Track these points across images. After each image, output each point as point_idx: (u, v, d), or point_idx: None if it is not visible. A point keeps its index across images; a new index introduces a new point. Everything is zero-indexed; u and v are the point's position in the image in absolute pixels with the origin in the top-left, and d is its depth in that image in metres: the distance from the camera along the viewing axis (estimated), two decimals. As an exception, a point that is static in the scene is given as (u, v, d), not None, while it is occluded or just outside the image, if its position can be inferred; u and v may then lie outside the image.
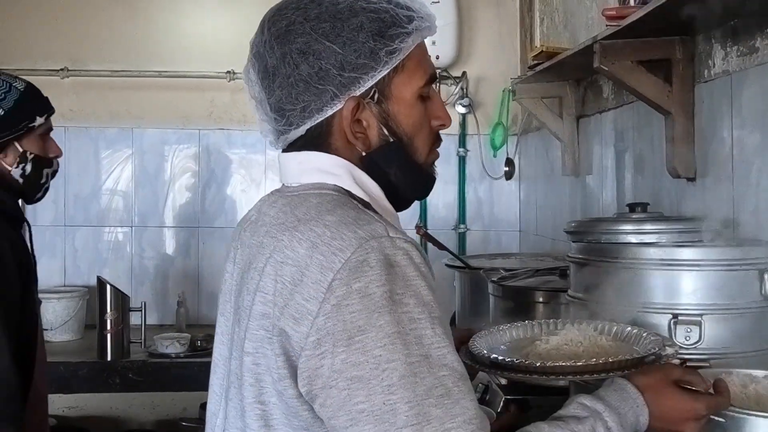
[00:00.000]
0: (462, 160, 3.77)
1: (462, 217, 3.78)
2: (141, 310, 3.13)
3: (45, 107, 1.99)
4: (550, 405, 1.70)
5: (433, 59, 3.56)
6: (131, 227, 3.73)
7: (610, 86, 2.51)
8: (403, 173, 1.13)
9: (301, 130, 1.12)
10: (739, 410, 1.12)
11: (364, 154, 1.11)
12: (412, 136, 1.13)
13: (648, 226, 1.52)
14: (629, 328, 1.33)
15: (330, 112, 1.10)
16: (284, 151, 1.17)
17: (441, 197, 3.81)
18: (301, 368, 0.96)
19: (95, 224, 3.72)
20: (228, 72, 3.64)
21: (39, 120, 1.94)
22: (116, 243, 3.73)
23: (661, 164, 2.04)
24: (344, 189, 1.10)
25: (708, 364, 1.36)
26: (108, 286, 3.03)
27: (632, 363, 1.15)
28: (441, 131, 1.18)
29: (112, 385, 2.99)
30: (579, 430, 1.03)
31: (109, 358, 3.01)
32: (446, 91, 3.73)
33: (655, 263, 1.43)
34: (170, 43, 3.70)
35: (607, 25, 1.85)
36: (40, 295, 2.39)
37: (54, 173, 2.06)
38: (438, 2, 3.61)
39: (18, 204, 1.98)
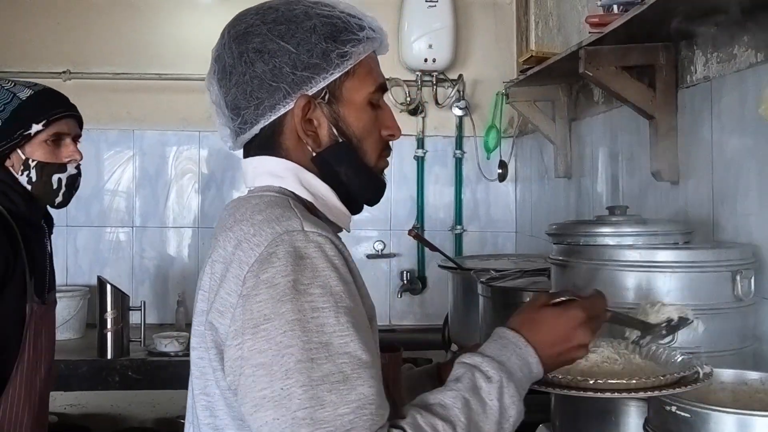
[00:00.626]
0: (458, 162, 3.81)
1: (458, 219, 3.83)
2: (141, 309, 3.17)
3: (45, 113, 1.95)
4: (536, 402, 1.76)
5: (429, 62, 3.59)
6: (132, 227, 3.79)
7: (600, 90, 2.54)
8: (353, 173, 1.18)
9: (256, 129, 1.17)
10: (703, 406, 1.16)
11: (314, 153, 1.16)
12: (361, 139, 1.17)
13: (626, 229, 1.56)
14: (654, 347, 1.34)
15: (282, 110, 1.15)
16: (244, 156, 1.23)
17: (438, 199, 3.85)
18: (225, 359, 1.01)
19: (96, 224, 3.77)
20: (227, 75, 3.68)
21: (36, 127, 1.93)
22: (117, 243, 3.78)
23: (647, 167, 2.08)
24: (289, 191, 1.15)
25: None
26: (108, 286, 3.08)
27: (678, 381, 1.20)
28: (394, 135, 1.22)
29: (112, 383, 3.05)
30: (459, 388, 1.03)
31: (109, 357, 3.06)
32: (443, 93, 3.77)
33: (631, 265, 1.47)
34: (170, 46, 3.75)
35: (589, 32, 1.89)
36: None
37: (73, 177, 2.03)
38: (435, 5, 3.66)
39: (32, 207, 1.99)
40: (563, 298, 1.17)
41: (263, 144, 1.19)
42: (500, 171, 3.52)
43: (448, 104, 3.74)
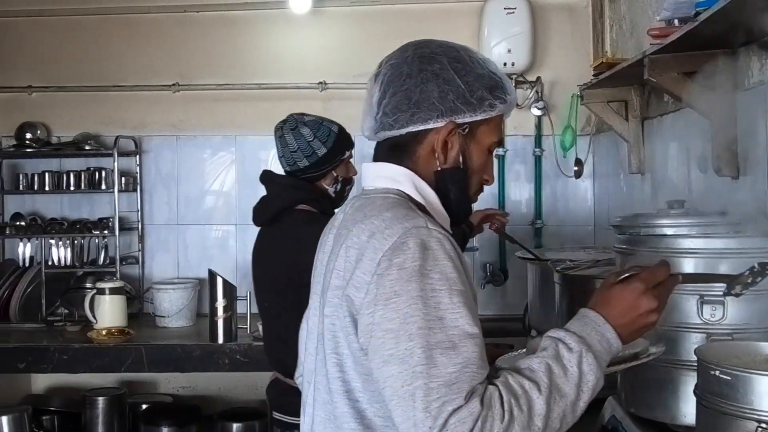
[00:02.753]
0: (538, 160, 4.00)
1: (538, 214, 4.02)
2: (246, 299, 3.49)
3: (350, 143, 2.58)
4: (605, 378, 1.96)
5: (508, 65, 3.79)
6: (235, 225, 4.13)
7: (669, 91, 2.70)
8: (459, 194, 1.45)
9: (402, 131, 1.42)
10: (741, 369, 1.35)
11: (439, 168, 1.43)
12: (474, 172, 1.45)
13: (682, 220, 1.74)
14: None
15: (430, 126, 1.41)
16: (374, 160, 1.49)
17: (519, 195, 4.05)
18: (359, 325, 1.28)
19: (203, 223, 4.13)
20: (319, 83, 3.99)
21: (347, 153, 2.58)
22: (222, 239, 4.14)
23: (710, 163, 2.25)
24: (405, 193, 1.42)
25: (731, 338, 1.59)
26: (218, 277, 3.41)
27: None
28: (489, 182, 1.49)
29: (222, 365, 3.36)
30: (544, 356, 1.23)
31: (220, 341, 3.38)
32: (522, 95, 3.97)
33: (686, 252, 1.66)
34: (266, 59, 4.08)
35: (651, 44, 2.07)
36: (159, 286, 3.32)
37: (351, 188, 2.65)
38: (513, 12, 3.85)
39: (330, 207, 2.54)
40: (626, 275, 1.34)
41: (400, 146, 1.44)
42: (576, 168, 3.69)
43: (527, 105, 3.94)
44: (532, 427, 1.17)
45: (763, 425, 1.33)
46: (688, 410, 1.64)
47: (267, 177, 2.66)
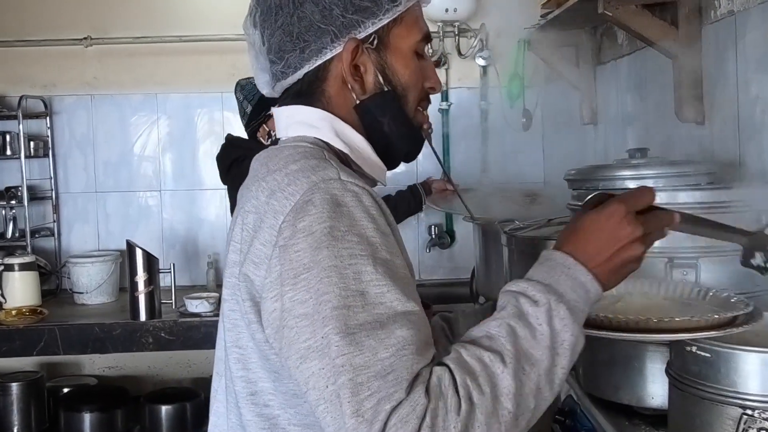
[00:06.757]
0: (484, 113, 3.76)
1: (485, 170, 3.78)
2: (170, 272, 3.20)
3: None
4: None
5: (450, 12, 3.52)
6: (160, 191, 3.81)
7: (624, 33, 2.47)
8: (396, 124, 1.14)
9: (299, 74, 1.14)
10: (725, 345, 1.13)
11: (358, 102, 1.13)
12: (406, 89, 1.15)
13: (646, 171, 1.51)
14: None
15: (329, 55, 1.12)
16: (278, 105, 1.20)
17: (464, 150, 3.81)
18: (262, 312, 0.99)
19: (125, 189, 3.80)
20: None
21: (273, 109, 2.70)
22: (146, 207, 3.81)
23: (672, 109, 2.02)
24: (323, 141, 1.13)
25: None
26: (137, 249, 3.11)
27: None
28: (435, 88, 1.19)
29: (146, 344, 3.08)
30: (503, 316, 0.96)
31: (142, 319, 3.09)
32: (466, 44, 3.71)
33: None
34: (189, 8, 3.73)
35: (607, -30, 1.82)
36: (76, 260, 3.25)
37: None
38: (454, -48, 3.57)
39: None
40: (598, 201, 1.03)
41: (303, 91, 1.15)
42: (524, 120, 3.45)
43: (471, 54, 3.68)
44: (501, 411, 0.89)
45: (749, 411, 1.12)
46: (656, 391, 1.42)
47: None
